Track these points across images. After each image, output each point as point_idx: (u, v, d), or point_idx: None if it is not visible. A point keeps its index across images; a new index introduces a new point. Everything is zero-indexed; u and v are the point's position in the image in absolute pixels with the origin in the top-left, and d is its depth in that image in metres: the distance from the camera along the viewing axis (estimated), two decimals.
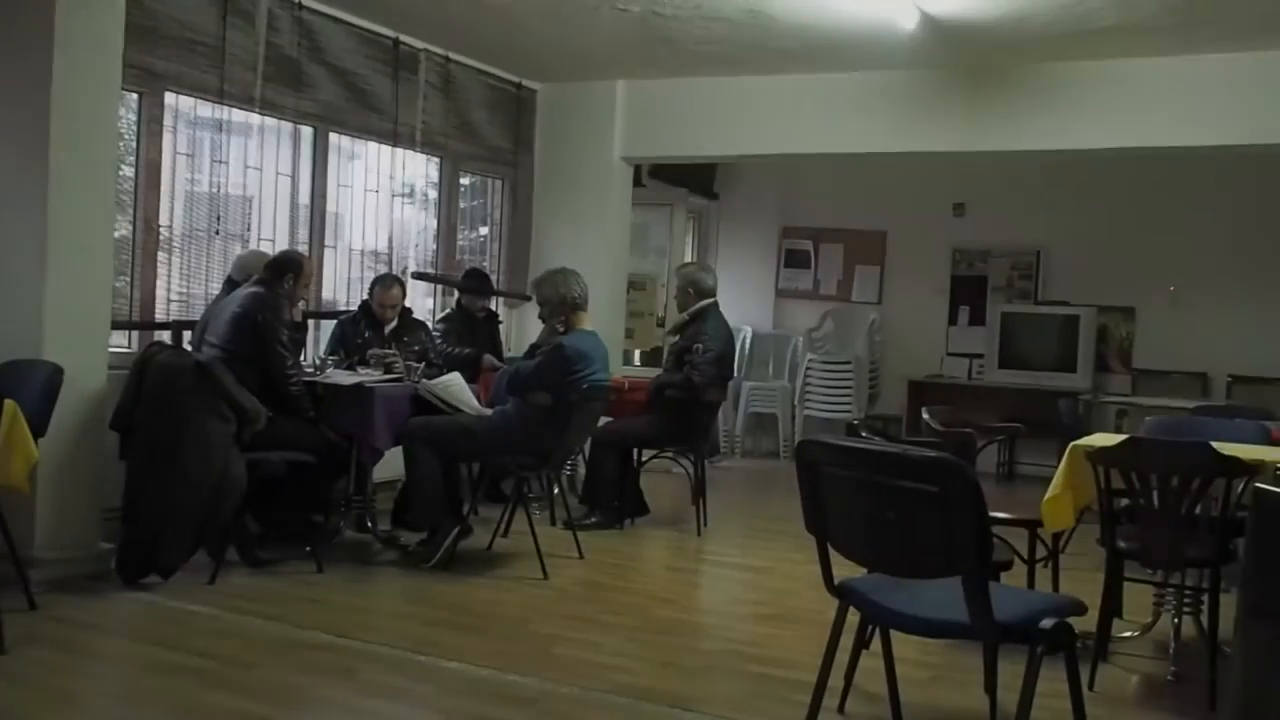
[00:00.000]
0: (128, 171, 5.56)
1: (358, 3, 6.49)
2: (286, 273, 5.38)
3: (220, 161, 6.06)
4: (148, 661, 3.95)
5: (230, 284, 5.66)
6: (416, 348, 6.19)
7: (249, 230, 6.40)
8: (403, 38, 7.01)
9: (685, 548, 6.37)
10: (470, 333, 7.06)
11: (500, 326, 7.65)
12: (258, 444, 4.99)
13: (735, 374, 7.03)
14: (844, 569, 3.02)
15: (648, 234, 9.83)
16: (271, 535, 5.40)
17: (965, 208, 9.96)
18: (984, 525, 2.65)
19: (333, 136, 6.75)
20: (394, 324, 6.20)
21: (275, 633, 4.26)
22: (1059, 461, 4.18)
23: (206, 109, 5.96)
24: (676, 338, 6.89)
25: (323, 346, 6.42)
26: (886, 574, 3.00)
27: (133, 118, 5.57)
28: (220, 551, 4.97)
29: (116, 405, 4.93)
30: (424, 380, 5.67)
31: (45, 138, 4.65)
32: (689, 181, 10.22)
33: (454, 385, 5.68)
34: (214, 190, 6.07)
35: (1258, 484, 2.51)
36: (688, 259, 10.28)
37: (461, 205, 7.99)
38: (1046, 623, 2.69)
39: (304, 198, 6.66)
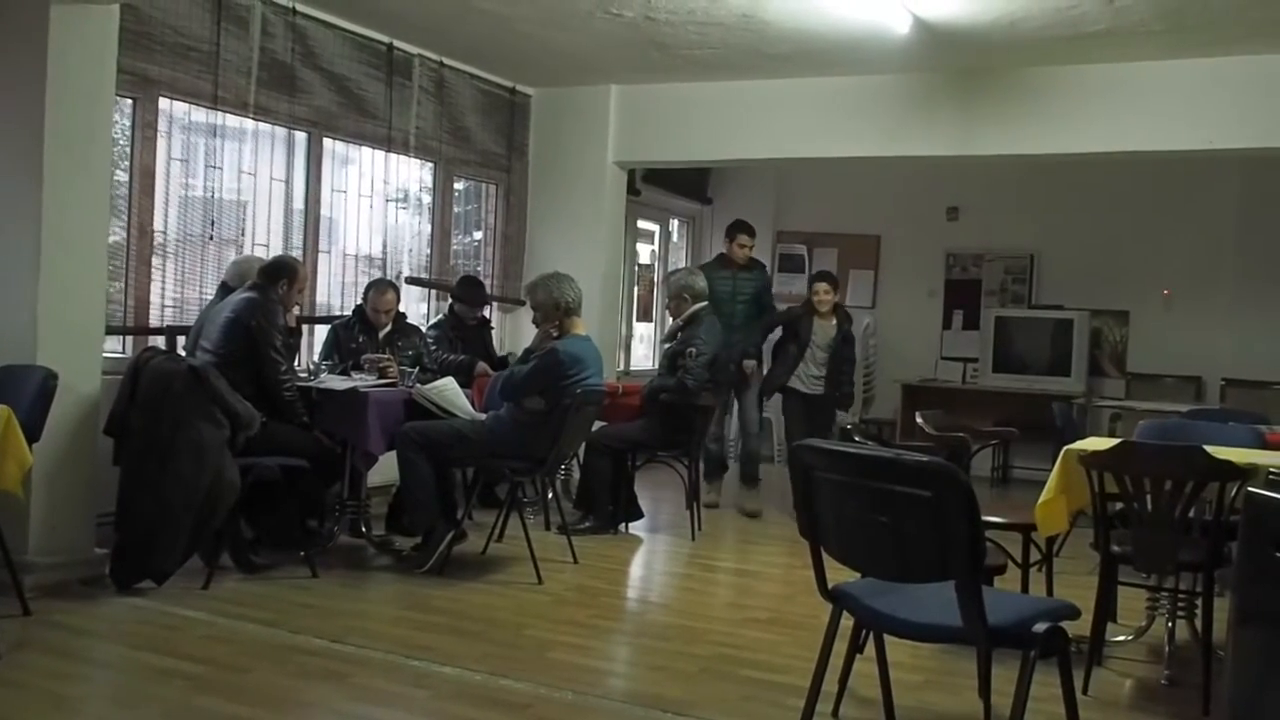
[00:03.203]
0: (122, 177, 5.55)
1: (351, 8, 6.49)
2: (280, 278, 5.38)
3: (214, 167, 6.05)
4: (142, 666, 3.94)
5: (224, 289, 5.66)
6: (410, 352, 6.20)
7: (243, 235, 6.39)
8: (396, 43, 7.01)
9: (679, 552, 6.37)
10: (462, 339, 7.06)
11: (493, 332, 7.65)
12: (252, 449, 4.99)
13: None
14: (838, 574, 3.02)
15: None
16: (265, 540, 5.39)
17: (959, 212, 9.99)
18: (977, 529, 2.65)
19: (327, 142, 6.75)
20: (388, 329, 6.22)
21: (269, 638, 4.25)
22: (1053, 465, 4.19)
23: (200, 114, 5.95)
24: (671, 343, 6.91)
25: (317, 351, 6.43)
26: (880, 579, 3.00)
27: (127, 123, 5.57)
28: (214, 556, 4.97)
29: (110, 410, 4.92)
30: (418, 385, 5.67)
31: (40, 143, 4.65)
32: (682, 186, 10.24)
33: (448, 390, 5.68)
34: (208, 195, 6.07)
35: (1250, 488, 2.52)
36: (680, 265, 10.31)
37: (455, 210, 7.99)
38: (1040, 627, 2.69)
39: (298, 203, 6.66)
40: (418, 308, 7.71)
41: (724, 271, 7.59)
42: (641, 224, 10.20)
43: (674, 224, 10.95)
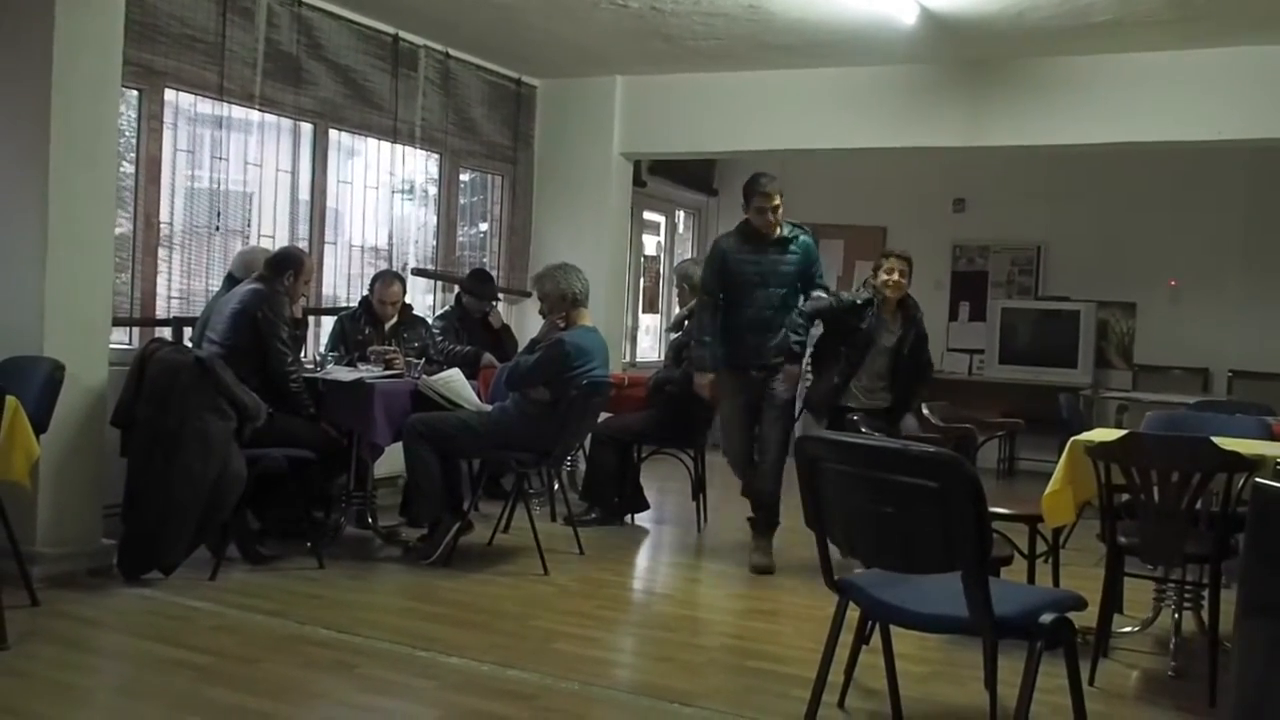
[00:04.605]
0: (128, 168, 5.56)
1: None
2: (286, 269, 5.39)
3: (220, 158, 6.06)
4: (149, 657, 3.95)
5: (231, 280, 5.66)
6: (416, 344, 6.21)
7: (249, 226, 6.40)
8: (402, 34, 7.00)
9: (685, 543, 6.37)
10: (468, 331, 7.06)
11: (508, 330, 7.62)
12: (258, 440, 5.00)
13: None
14: (844, 565, 3.02)
15: None
16: (272, 531, 5.41)
17: (965, 203, 9.97)
18: (984, 520, 2.65)
19: (332, 133, 6.75)
20: (394, 320, 6.23)
21: (276, 628, 4.26)
22: (1059, 457, 4.18)
23: (206, 105, 5.96)
24: (677, 334, 6.90)
25: (323, 343, 6.43)
26: (886, 569, 3.00)
27: (133, 114, 5.58)
28: (221, 548, 4.98)
29: (117, 402, 4.94)
30: (424, 376, 5.68)
31: (46, 135, 4.65)
32: (688, 177, 10.23)
33: (454, 381, 5.69)
34: (214, 186, 6.08)
35: (1258, 479, 2.51)
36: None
37: (461, 201, 7.99)
38: (1046, 618, 2.70)
39: (304, 194, 6.66)
40: (424, 299, 7.72)
41: (746, 247, 5.77)
42: (647, 215, 10.19)
43: (680, 215, 10.94)
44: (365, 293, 6.40)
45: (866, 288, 5.79)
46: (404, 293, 6.36)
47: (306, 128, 6.61)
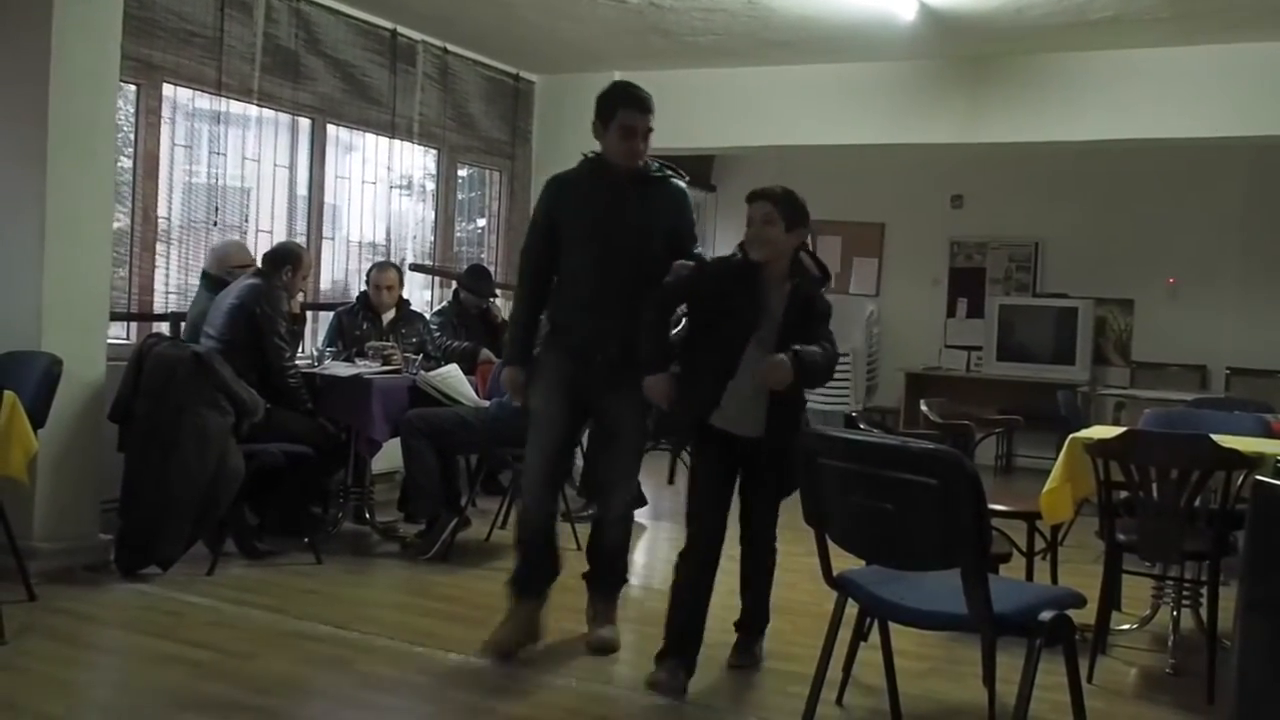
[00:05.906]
0: (126, 163, 5.56)
1: None
2: (284, 264, 5.38)
3: (218, 153, 6.05)
4: (146, 652, 3.95)
5: (206, 278, 5.62)
6: (414, 340, 6.21)
7: (247, 222, 6.40)
8: (400, 29, 6.99)
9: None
10: (466, 326, 7.05)
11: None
12: (256, 436, 4.99)
13: None
14: (842, 561, 3.02)
15: None
16: (270, 527, 5.40)
17: (963, 199, 9.96)
18: (982, 517, 2.65)
19: (330, 128, 6.75)
20: (392, 316, 6.22)
21: (274, 624, 4.26)
22: (1058, 454, 4.19)
23: (204, 101, 5.95)
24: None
25: (321, 338, 6.43)
26: (885, 566, 3.00)
27: (130, 109, 5.57)
28: (218, 543, 4.97)
29: (115, 397, 4.93)
30: (422, 372, 5.68)
31: (44, 130, 4.64)
32: (686, 173, 10.21)
33: (451, 377, 5.69)
34: (212, 182, 6.07)
35: (1257, 476, 2.51)
36: None
37: (459, 197, 7.98)
38: (1045, 615, 2.69)
39: (302, 189, 6.66)
40: (421, 295, 7.71)
41: (594, 185, 4.20)
42: None
43: None
44: (363, 288, 6.40)
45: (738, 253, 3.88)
46: (401, 281, 6.35)
47: (304, 123, 6.60)
